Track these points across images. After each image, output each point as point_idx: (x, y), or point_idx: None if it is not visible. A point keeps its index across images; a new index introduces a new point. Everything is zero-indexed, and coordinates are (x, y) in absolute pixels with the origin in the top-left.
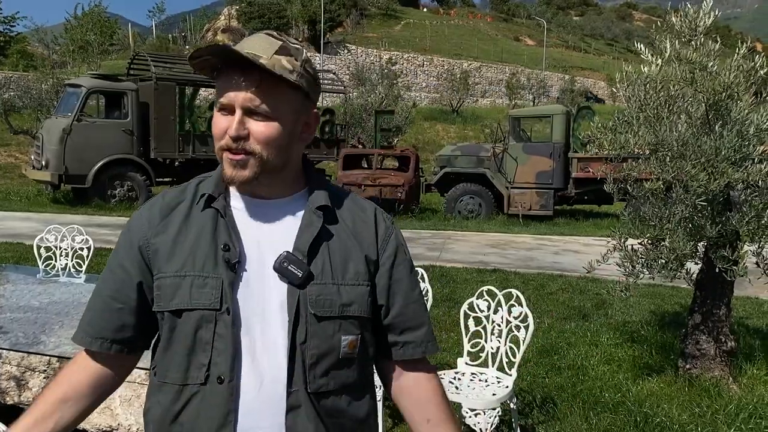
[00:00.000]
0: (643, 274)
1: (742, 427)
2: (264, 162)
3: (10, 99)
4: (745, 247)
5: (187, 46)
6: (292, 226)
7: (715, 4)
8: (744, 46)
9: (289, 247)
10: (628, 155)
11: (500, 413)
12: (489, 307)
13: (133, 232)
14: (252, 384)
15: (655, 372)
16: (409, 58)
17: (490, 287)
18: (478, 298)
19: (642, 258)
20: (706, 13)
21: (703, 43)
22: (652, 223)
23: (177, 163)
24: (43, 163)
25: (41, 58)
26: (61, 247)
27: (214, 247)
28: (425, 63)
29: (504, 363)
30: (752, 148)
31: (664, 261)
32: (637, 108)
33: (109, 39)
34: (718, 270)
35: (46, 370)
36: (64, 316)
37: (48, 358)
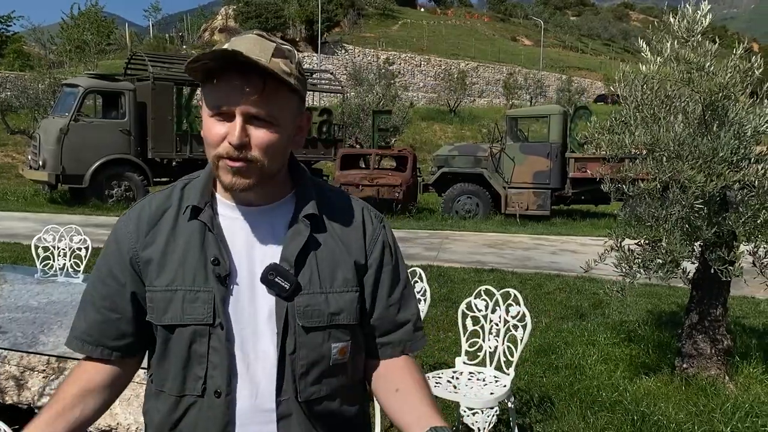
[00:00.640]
0: (639, 275)
1: (738, 426)
2: (264, 169)
3: (6, 99)
4: (741, 248)
5: (184, 46)
6: (279, 236)
7: (711, 4)
8: (741, 46)
9: (276, 257)
10: (625, 155)
11: (498, 412)
12: (487, 307)
13: (121, 243)
14: (246, 395)
15: (652, 371)
16: (407, 58)
17: (488, 287)
18: (476, 298)
19: (639, 258)
20: (703, 15)
21: (700, 43)
22: (649, 224)
23: (174, 163)
24: (40, 163)
25: (38, 58)
26: (59, 247)
27: (203, 260)
28: (422, 63)
29: (502, 362)
30: (749, 149)
31: (660, 261)
32: (634, 108)
33: (106, 39)
34: (714, 270)
35: (45, 370)
36: (62, 316)
37: (47, 357)
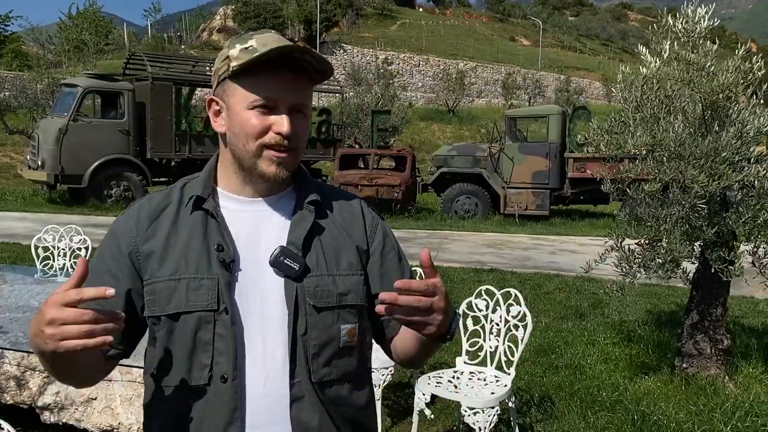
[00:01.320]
0: (640, 274)
1: (738, 425)
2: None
3: (5, 99)
4: (741, 247)
5: (183, 46)
6: (283, 223)
7: (711, 5)
8: (743, 47)
9: (281, 242)
10: (625, 155)
11: (499, 412)
12: (488, 307)
13: (120, 238)
14: (257, 380)
15: (652, 371)
16: (405, 58)
17: (488, 287)
18: (476, 298)
19: (639, 258)
20: (703, 16)
21: (701, 43)
22: (649, 224)
23: (173, 163)
24: (39, 163)
25: (36, 58)
26: (59, 247)
27: (206, 248)
28: (421, 63)
29: (502, 362)
30: (750, 149)
31: (660, 261)
32: (634, 108)
33: (105, 39)
34: (714, 270)
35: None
36: None
37: None
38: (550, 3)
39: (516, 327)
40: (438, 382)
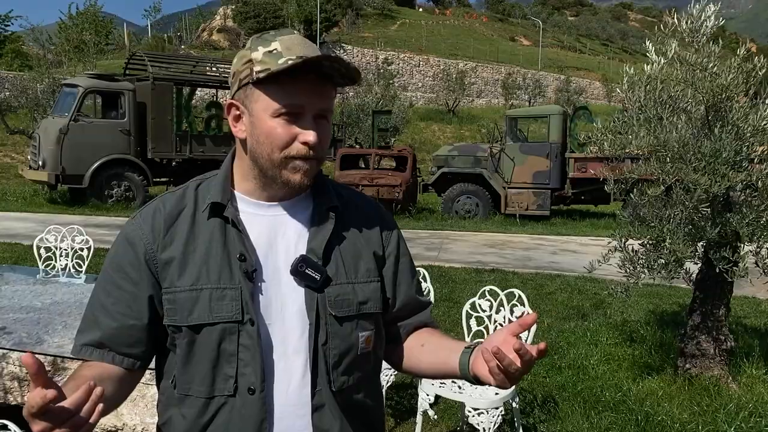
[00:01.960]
0: (643, 275)
1: (742, 426)
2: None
3: (5, 99)
4: (745, 248)
5: (183, 46)
6: (301, 229)
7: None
8: (744, 47)
9: (300, 249)
10: (627, 156)
11: (503, 412)
12: (491, 307)
13: (135, 245)
14: (280, 390)
15: (655, 371)
16: (405, 58)
17: (492, 287)
18: (480, 298)
19: (642, 259)
20: (709, 16)
21: (704, 44)
22: (653, 225)
23: (174, 163)
24: (40, 163)
25: (36, 58)
26: (61, 248)
27: (227, 256)
28: (421, 63)
29: None
30: (750, 148)
31: (664, 261)
32: (638, 108)
33: (105, 39)
34: (718, 270)
35: (50, 370)
36: (66, 316)
37: (52, 358)
38: (550, 3)
39: None
40: (441, 383)
